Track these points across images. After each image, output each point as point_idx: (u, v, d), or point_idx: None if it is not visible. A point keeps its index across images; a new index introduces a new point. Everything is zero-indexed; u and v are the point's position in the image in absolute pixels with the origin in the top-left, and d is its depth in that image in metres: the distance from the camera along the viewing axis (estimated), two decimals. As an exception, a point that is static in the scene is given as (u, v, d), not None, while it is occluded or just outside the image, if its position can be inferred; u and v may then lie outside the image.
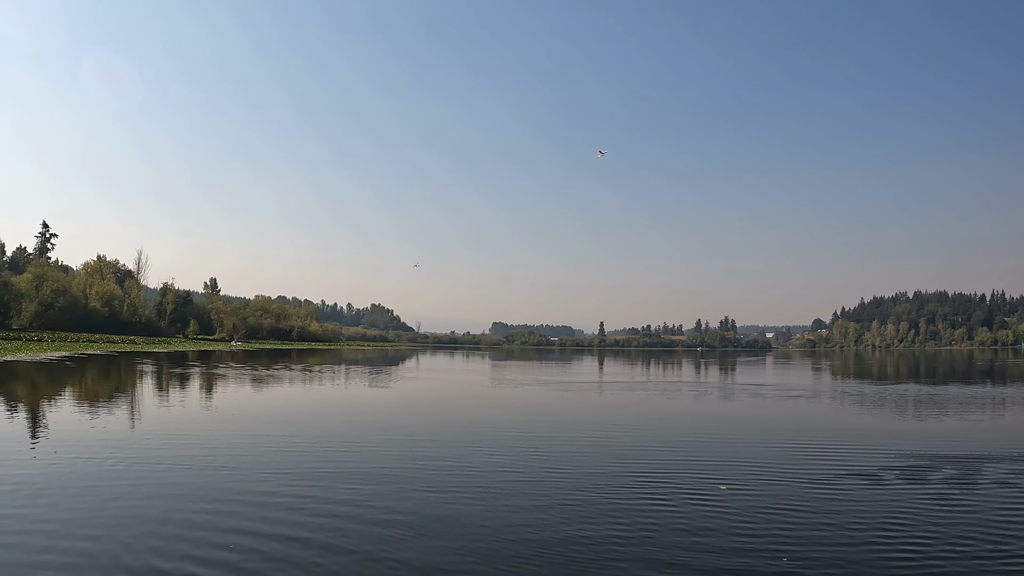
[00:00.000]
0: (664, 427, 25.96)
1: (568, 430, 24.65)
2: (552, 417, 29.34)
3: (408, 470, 16.58)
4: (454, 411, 31.82)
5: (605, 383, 53.47)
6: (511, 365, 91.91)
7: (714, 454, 19.19)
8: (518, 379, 57.27)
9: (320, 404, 34.39)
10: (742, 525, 11.70)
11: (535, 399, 37.83)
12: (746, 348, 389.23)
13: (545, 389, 44.69)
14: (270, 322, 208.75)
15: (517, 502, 13.44)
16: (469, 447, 20.51)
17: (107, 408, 28.57)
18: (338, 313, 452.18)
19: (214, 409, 30.07)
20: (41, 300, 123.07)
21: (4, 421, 23.62)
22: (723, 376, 68.93)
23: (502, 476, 16.02)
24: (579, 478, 15.72)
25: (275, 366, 67.56)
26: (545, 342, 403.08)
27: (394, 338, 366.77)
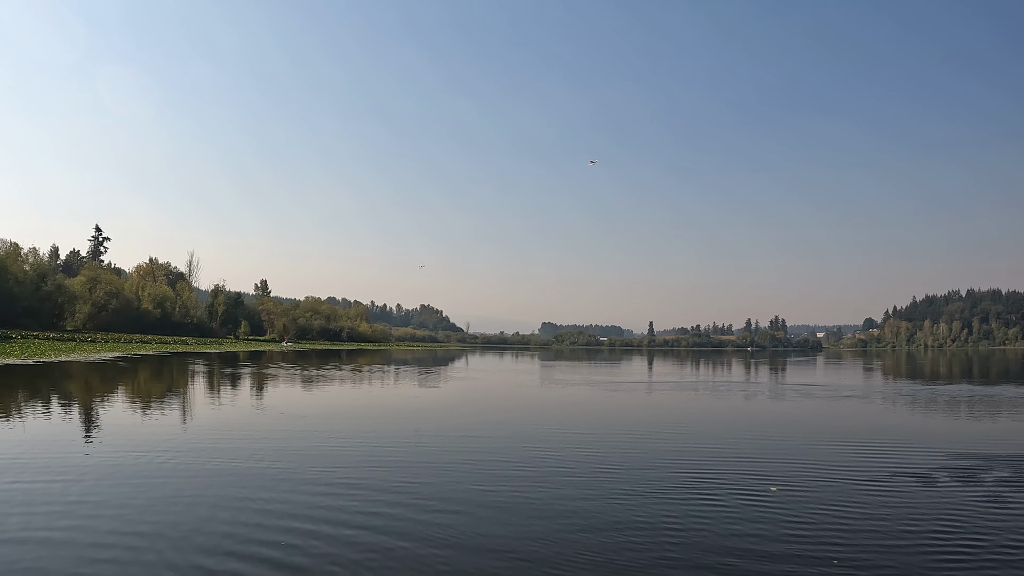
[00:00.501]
0: (714, 427, 25.62)
1: (618, 429, 24.46)
2: (602, 416, 29.13)
3: (458, 467, 16.58)
4: (503, 410, 31.75)
5: (654, 383, 53.01)
6: (560, 365, 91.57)
7: (765, 455, 18.86)
8: (567, 379, 57.01)
9: (370, 403, 34.50)
10: (792, 527, 11.44)
11: (584, 399, 37.63)
12: (796, 348, 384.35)
13: (594, 389, 44.42)
14: (320, 323, 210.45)
15: (568, 499, 13.35)
16: (519, 445, 20.46)
17: (158, 407, 28.96)
18: (387, 314, 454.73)
19: (265, 408, 30.25)
20: (95, 302, 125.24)
21: (58, 419, 23.93)
22: (773, 376, 68.09)
23: (552, 473, 15.96)
24: (629, 476, 15.57)
25: (325, 366, 68.00)
26: (594, 342, 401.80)
27: (443, 339, 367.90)
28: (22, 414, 24.68)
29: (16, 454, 17.02)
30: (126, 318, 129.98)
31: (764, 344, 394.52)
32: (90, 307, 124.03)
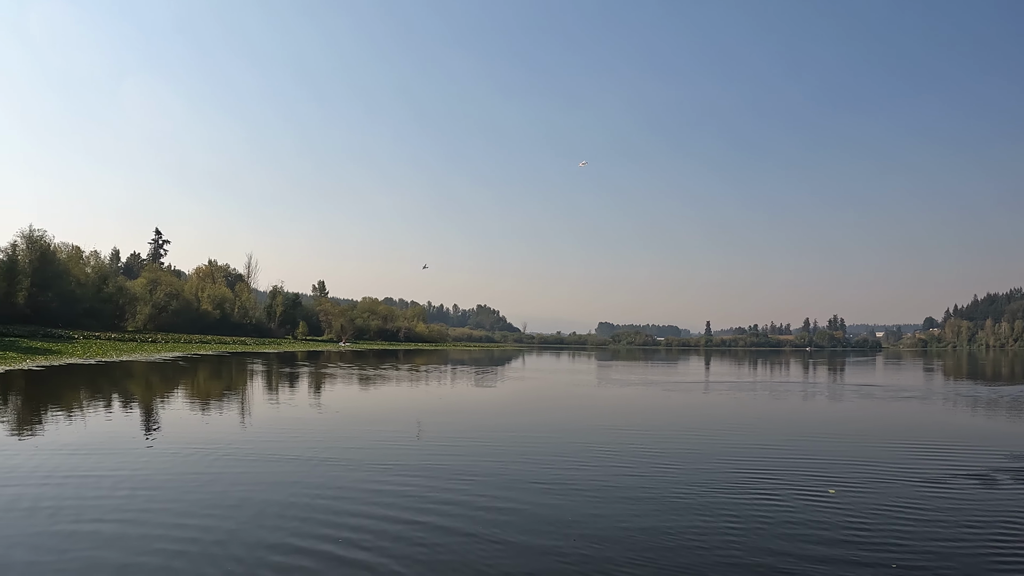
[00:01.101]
0: (772, 428, 25.37)
1: (675, 429, 24.41)
2: (659, 416, 29.04)
3: (515, 464, 16.61)
4: (560, 409, 31.84)
5: (711, 383, 52.71)
6: (617, 365, 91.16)
7: (823, 456, 18.61)
8: (624, 379, 56.84)
9: (427, 402, 34.69)
10: (850, 531, 11.19)
11: (641, 398, 37.51)
12: (855, 348, 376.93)
13: (651, 389, 44.29)
14: (377, 323, 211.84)
15: (625, 496, 13.34)
16: (577, 443, 20.49)
17: (217, 405, 29.38)
18: (444, 314, 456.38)
19: (322, 407, 30.53)
20: (155, 303, 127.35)
21: (119, 417, 24.33)
22: (832, 377, 67.20)
23: (610, 471, 15.97)
24: (687, 475, 15.51)
25: (382, 366, 68.47)
26: (651, 342, 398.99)
27: (500, 339, 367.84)
28: (85, 411, 25.15)
29: (79, 448, 17.34)
30: (186, 319, 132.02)
31: (822, 344, 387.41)
32: (150, 308, 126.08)
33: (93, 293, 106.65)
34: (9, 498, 12.21)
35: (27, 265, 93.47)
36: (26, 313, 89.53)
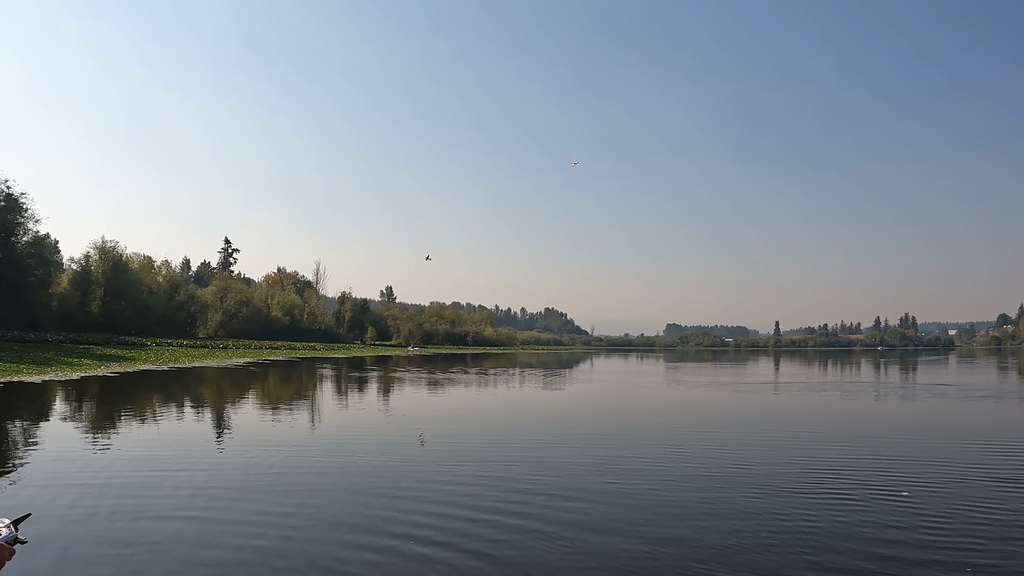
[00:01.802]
0: (844, 428, 24.85)
1: (746, 429, 24.10)
2: (729, 417, 28.72)
3: (586, 464, 16.57)
4: (630, 411, 31.55)
5: (781, 384, 52.05)
6: (685, 367, 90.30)
7: (896, 456, 18.11)
8: (693, 380, 56.33)
9: (496, 405, 34.80)
10: (924, 532, 10.82)
11: (711, 400, 37.09)
12: (927, 347, 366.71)
13: (721, 390, 43.85)
14: (445, 327, 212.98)
15: (699, 495, 13.22)
16: (647, 444, 20.30)
17: (288, 409, 29.72)
18: (512, 318, 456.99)
19: (390, 410, 30.73)
20: (225, 310, 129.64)
21: (193, 421, 24.73)
22: (904, 376, 65.79)
23: (682, 470, 15.85)
24: (758, 475, 15.28)
25: (451, 370, 68.73)
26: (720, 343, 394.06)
27: (568, 341, 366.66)
28: (158, 415, 25.59)
29: (154, 450, 17.66)
30: (256, 325, 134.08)
31: (894, 343, 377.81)
32: (221, 315, 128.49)
33: (165, 301, 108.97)
34: (88, 496, 12.41)
35: (100, 275, 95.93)
36: (100, 321, 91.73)
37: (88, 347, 66.73)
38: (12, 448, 18.04)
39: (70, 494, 12.61)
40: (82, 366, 47.13)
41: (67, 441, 18.98)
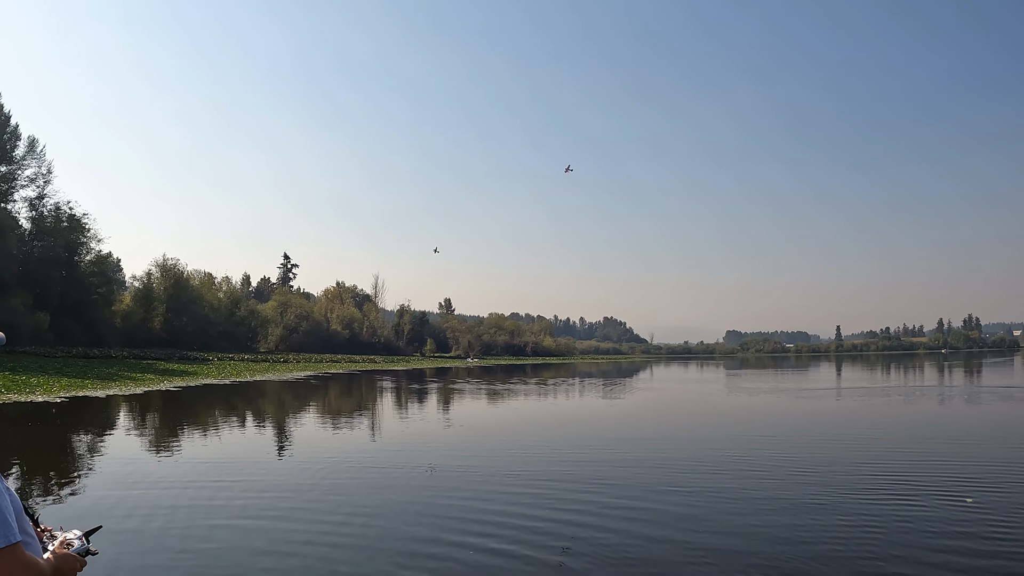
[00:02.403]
0: (907, 433, 24.34)
1: (808, 435, 23.86)
2: (791, 423, 28.42)
3: (648, 470, 16.47)
4: (692, 418, 31.56)
5: (844, 389, 51.42)
6: (746, 374, 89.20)
7: (960, 461, 17.72)
8: (754, 387, 55.79)
9: (556, 414, 34.80)
10: (989, 539, 10.46)
11: (773, 406, 36.74)
12: (992, 348, 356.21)
13: (782, 397, 43.29)
14: (504, 338, 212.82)
15: (761, 501, 13.06)
16: (709, 450, 20.22)
17: (348, 420, 29.91)
18: (571, 327, 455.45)
19: (451, 420, 30.90)
20: (286, 325, 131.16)
21: (255, 432, 24.89)
22: (968, 379, 64.45)
23: (745, 476, 15.70)
24: (821, 481, 15.03)
25: (510, 380, 68.66)
26: (780, 349, 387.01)
27: (627, 350, 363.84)
28: (220, 427, 25.95)
29: (215, 460, 17.83)
30: (316, 339, 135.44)
31: (957, 345, 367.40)
32: (281, 329, 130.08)
33: (226, 316, 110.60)
34: (147, 505, 12.48)
35: (162, 292, 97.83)
36: (162, 337, 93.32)
37: (151, 362, 67.92)
38: (78, 460, 18.40)
39: (128, 503, 12.73)
40: (145, 381, 47.80)
41: (130, 453, 19.29)
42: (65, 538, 3.42)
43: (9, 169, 76.95)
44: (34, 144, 78.61)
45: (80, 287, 78.64)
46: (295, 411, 34.55)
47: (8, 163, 76.83)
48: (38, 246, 76.56)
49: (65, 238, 78.21)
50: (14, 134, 77.09)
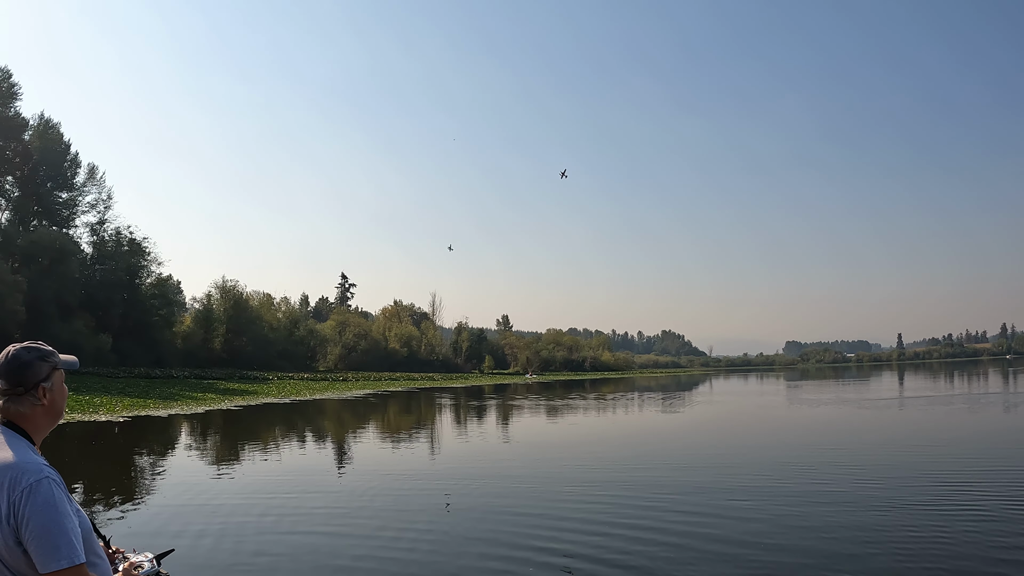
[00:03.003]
0: (972, 442, 23.93)
1: (873, 445, 23.53)
2: (854, 433, 27.99)
3: (712, 481, 16.44)
4: (753, 430, 31.25)
5: (906, 399, 50.41)
6: (807, 385, 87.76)
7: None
8: (816, 398, 54.72)
9: (616, 428, 34.67)
10: None
11: (836, 417, 36.17)
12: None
13: (844, 407, 42.60)
14: (563, 354, 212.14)
15: (826, 509, 13.03)
16: (774, 461, 20.08)
17: (408, 437, 30.08)
18: (629, 342, 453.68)
19: (511, 436, 30.77)
20: (344, 344, 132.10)
21: (314, 451, 24.89)
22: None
23: (808, 486, 15.66)
24: (887, 491, 14.75)
25: (569, 396, 68.31)
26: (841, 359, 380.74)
27: (686, 363, 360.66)
28: (281, 445, 26.19)
29: (277, 477, 17.95)
30: (374, 357, 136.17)
31: (1022, 351, 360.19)
32: (340, 348, 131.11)
33: (285, 336, 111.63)
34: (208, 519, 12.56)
35: (222, 313, 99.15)
36: (223, 357, 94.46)
37: (212, 382, 68.75)
38: (140, 478, 18.64)
39: (186, 519, 12.82)
40: (206, 400, 48.26)
41: (191, 471, 19.49)
42: (133, 561, 3.52)
43: (70, 196, 79.43)
44: (94, 171, 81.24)
45: (141, 309, 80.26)
46: (354, 429, 34.72)
47: (69, 190, 79.27)
48: (100, 270, 78.55)
49: (126, 261, 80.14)
50: (74, 162, 79.74)
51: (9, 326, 57.63)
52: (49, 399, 3.20)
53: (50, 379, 3.21)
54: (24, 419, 3.15)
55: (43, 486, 2.86)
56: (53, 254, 68.02)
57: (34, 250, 67.52)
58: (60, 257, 68.38)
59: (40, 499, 2.83)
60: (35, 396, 3.16)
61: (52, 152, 77.28)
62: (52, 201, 77.67)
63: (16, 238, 69.81)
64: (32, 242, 68.11)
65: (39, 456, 3.06)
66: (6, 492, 2.86)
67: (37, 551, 2.81)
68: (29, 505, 2.82)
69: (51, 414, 3.24)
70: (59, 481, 2.95)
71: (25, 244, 68.17)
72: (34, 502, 2.82)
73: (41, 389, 3.17)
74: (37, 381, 3.16)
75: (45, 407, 3.19)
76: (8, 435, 3.08)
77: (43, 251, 67.75)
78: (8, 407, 3.13)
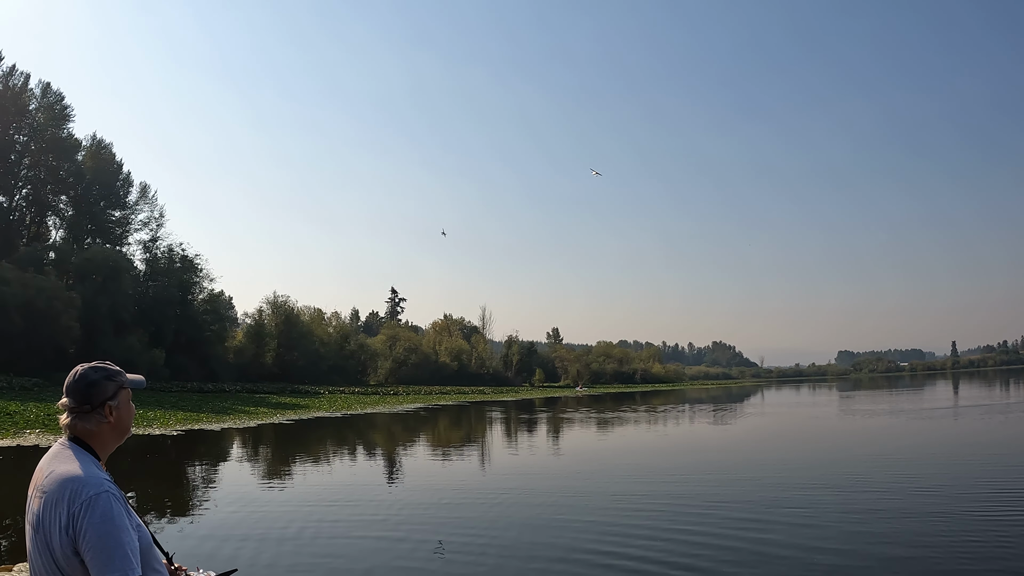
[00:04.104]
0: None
1: (928, 455, 23.44)
2: (911, 444, 27.58)
3: (771, 492, 16.36)
4: (807, 441, 31.13)
5: (961, 408, 49.95)
6: (860, 395, 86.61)
7: None
8: (870, 409, 54.27)
9: (668, 440, 34.48)
10: None
11: (890, 427, 35.90)
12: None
13: (898, 418, 42.30)
14: (613, 366, 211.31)
15: (883, 517, 13.00)
16: (828, 472, 19.92)
17: (459, 451, 30.24)
18: (679, 353, 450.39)
19: (564, 449, 30.63)
20: (394, 358, 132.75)
21: (372, 461, 24.94)
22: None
23: (864, 496, 15.58)
24: (946, 501, 14.54)
25: (620, 408, 68.01)
26: (894, 368, 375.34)
27: (737, 375, 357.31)
28: (335, 458, 26.44)
29: (330, 490, 18.10)
30: (425, 371, 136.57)
31: None
32: (391, 363, 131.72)
33: (336, 351, 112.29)
34: (260, 531, 12.66)
35: (273, 328, 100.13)
36: (274, 372, 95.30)
37: (264, 396, 69.36)
38: (193, 491, 18.79)
39: (241, 531, 12.95)
40: (258, 414, 48.58)
41: (244, 484, 19.65)
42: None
43: (123, 214, 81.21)
44: (146, 190, 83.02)
45: (194, 324, 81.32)
46: (405, 442, 34.87)
47: (122, 208, 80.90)
48: (153, 286, 79.83)
49: (178, 278, 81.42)
50: (126, 181, 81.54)
51: (64, 341, 58.70)
52: (115, 417, 3.35)
53: (116, 397, 3.36)
54: (91, 436, 3.30)
55: (101, 500, 2.97)
56: (107, 271, 69.22)
57: (88, 267, 68.76)
58: (114, 274, 69.50)
59: (98, 512, 2.94)
60: (101, 414, 3.30)
61: (105, 172, 79.07)
62: (105, 219, 79.46)
63: (71, 256, 71.22)
64: (86, 259, 69.36)
65: (103, 472, 3.17)
66: (66, 504, 2.98)
67: (93, 562, 2.90)
68: (87, 518, 2.93)
69: (117, 431, 3.40)
70: (118, 496, 3.06)
71: (79, 262, 69.44)
72: (92, 515, 2.94)
73: (107, 407, 3.32)
74: (103, 399, 3.31)
75: (111, 425, 3.35)
76: (76, 450, 3.22)
77: (97, 268, 68.95)
78: (76, 424, 3.28)
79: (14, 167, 73.32)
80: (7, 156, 72.01)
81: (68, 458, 3.15)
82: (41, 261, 66.95)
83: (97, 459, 3.25)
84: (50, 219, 78.92)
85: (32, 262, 63.13)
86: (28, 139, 74.02)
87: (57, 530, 2.97)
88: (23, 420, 30.57)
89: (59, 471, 3.10)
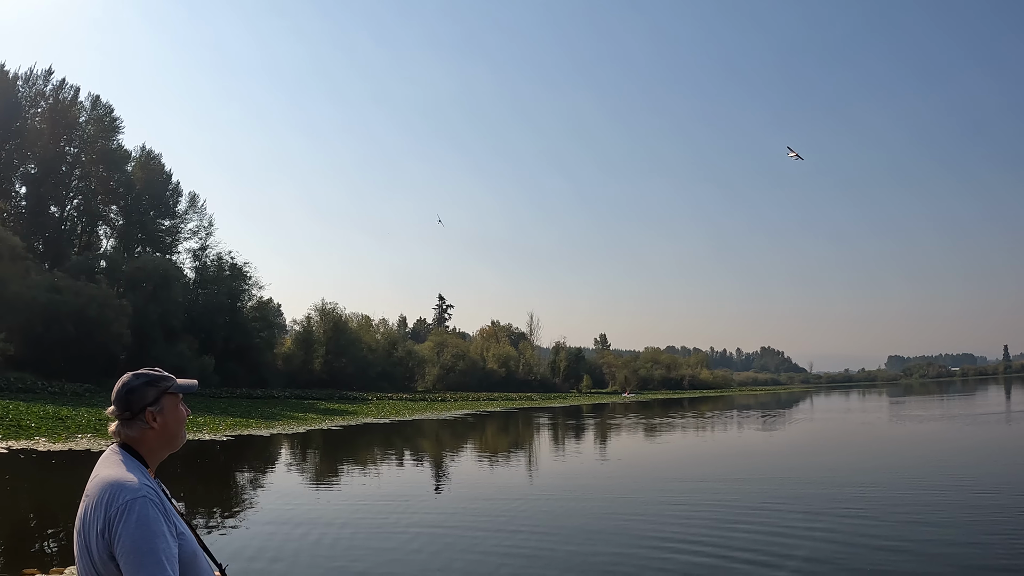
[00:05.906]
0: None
1: (978, 462, 23.11)
2: (965, 449, 27.64)
3: (821, 499, 16.42)
4: (858, 447, 30.94)
5: (1014, 413, 49.54)
6: (910, 401, 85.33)
7: None
8: (920, 415, 53.57)
9: (717, 447, 34.53)
10: None
11: (941, 433, 35.73)
12: None
13: (950, 423, 41.88)
14: (661, 372, 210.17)
15: (933, 523, 13.07)
16: (877, 478, 19.74)
17: (508, 457, 30.60)
18: (727, 359, 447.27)
19: (612, 456, 30.65)
20: (442, 364, 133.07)
21: (418, 467, 24.95)
22: None
23: (916, 501, 15.50)
24: (999, 508, 14.46)
25: (668, 414, 67.68)
26: (945, 373, 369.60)
27: (786, 380, 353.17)
28: (383, 463, 26.68)
29: (376, 496, 18.20)
30: (472, 378, 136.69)
31: None
32: (438, 369, 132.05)
33: (384, 357, 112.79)
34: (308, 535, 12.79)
35: (322, 335, 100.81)
36: (323, 378, 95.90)
37: (312, 402, 69.82)
38: (242, 495, 19.03)
39: (289, 537, 13.02)
40: (307, 420, 48.78)
41: (293, 489, 19.70)
42: None
43: (173, 223, 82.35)
44: (195, 200, 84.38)
45: (243, 331, 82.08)
46: (452, 448, 34.93)
47: (172, 218, 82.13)
48: (202, 294, 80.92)
49: (228, 286, 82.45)
50: (176, 191, 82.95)
51: (115, 348, 59.54)
52: (160, 423, 3.30)
53: (158, 403, 3.31)
54: (136, 442, 3.27)
55: (138, 505, 2.93)
56: (157, 279, 70.17)
57: (139, 276, 69.72)
58: (164, 282, 70.42)
59: (134, 517, 2.91)
60: (143, 420, 3.26)
61: (154, 182, 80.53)
62: (155, 229, 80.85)
63: (121, 264, 72.26)
64: (137, 268, 70.36)
65: (147, 478, 3.13)
66: (104, 508, 2.95)
67: (126, 568, 2.87)
68: (123, 522, 2.90)
69: (163, 437, 3.34)
70: (157, 502, 3.00)
71: (130, 270, 70.45)
72: (128, 520, 2.91)
73: (149, 413, 3.28)
74: (143, 405, 3.27)
75: (156, 431, 3.30)
76: (124, 456, 3.19)
77: (147, 276, 69.94)
78: (121, 430, 3.26)
79: (65, 178, 74.80)
80: (58, 168, 73.52)
81: (114, 463, 3.13)
82: (92, 270, 67.89)
83: (145, 466, 3.21)
84: (101, 229, 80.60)
85: (84, 271, 64.18)
86: (79, 151, 75.45)
87: (95, 534, 2.94)
88: (75, 425, 30.93)
89: (102, 475, 3.08)
